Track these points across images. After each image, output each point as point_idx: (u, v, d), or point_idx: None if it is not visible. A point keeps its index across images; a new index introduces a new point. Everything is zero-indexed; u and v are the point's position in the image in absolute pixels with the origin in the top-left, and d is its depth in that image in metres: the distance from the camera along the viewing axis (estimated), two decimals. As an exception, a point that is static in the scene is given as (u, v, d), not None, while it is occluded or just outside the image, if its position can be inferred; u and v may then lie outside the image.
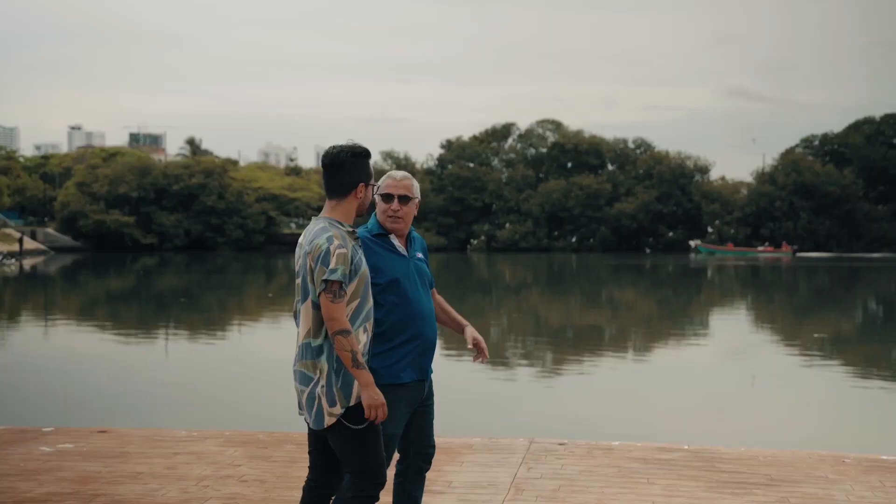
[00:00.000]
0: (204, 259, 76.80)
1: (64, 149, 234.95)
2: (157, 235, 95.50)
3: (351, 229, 4.74)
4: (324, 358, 4.63)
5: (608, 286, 48.42)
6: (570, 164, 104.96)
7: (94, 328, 27.12)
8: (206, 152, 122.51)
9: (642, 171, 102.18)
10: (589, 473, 7.44)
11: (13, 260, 69.84)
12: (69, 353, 20.97)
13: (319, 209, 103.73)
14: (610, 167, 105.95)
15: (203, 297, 39.37)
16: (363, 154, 4.79)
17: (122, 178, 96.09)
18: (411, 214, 5.23)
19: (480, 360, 5.50)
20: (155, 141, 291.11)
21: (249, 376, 17.04)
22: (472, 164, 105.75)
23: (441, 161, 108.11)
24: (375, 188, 5.01)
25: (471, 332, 5.48)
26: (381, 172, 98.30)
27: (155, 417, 12.85)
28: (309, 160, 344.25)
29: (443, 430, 7.55)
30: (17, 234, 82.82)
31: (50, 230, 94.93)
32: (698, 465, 7.76)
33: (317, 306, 4.63)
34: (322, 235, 4.63)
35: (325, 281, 4.54)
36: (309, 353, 4.67)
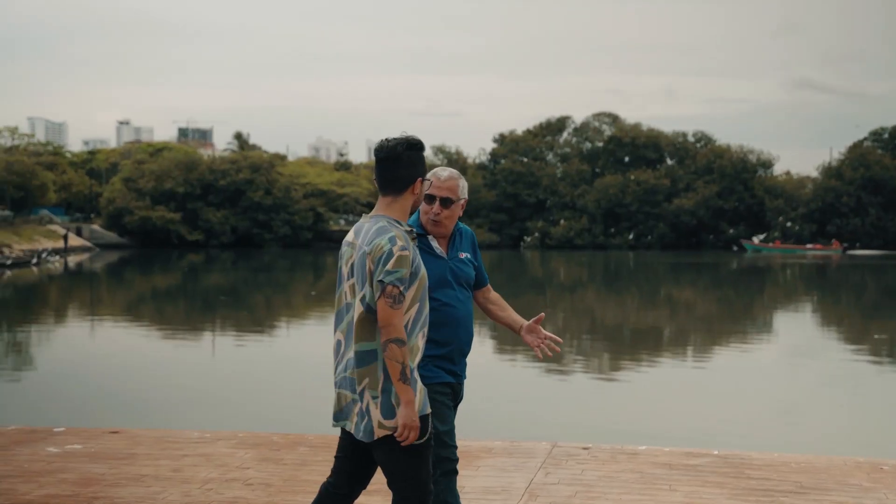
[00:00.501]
0: (250, 256, 77.23)
1: (112, 144, 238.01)
2: (203, 232, 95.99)
3: (409, 228, 4.56)
4: (379, 366, 4.44)
5: (664, 284, 48.09)
6: (627, 159, 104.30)
7: (133, 326, 27.35)
8: (253, 147, 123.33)
9: (702, 166, 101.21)
10: (609, 479, 7.32)
11: (57, 257, 70.59)
12: (103, 351, 21.15)
13: (369, 205, 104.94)
14: (669, 161, 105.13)
15: (247, 295, 39.56)
16: (419, 146, 4.62)
17: (168, 174, 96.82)
18: (454, 217, 5.07)
19: (544, 349, 5.33)
20: (203, 136, 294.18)
21: (284, 376, 17.06)
22: (525, 159, 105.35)
23: (493, 156, 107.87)
24: (427, 184, 4.85)
25: (531, 328, 5.32)
26: (432, 168, 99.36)
27: (179, 418, 12.91)
28: (360, 155, 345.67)
29: (467, 432, 7.49)
30: (63, 231, 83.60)
31: (95, 227, 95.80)
32: (726, 470, 7.62)
33: (372, 311, 4.43)
34: (384, 235, 4.42)
35: (384, 284, 4.34)
36: (362, 359, 4.46)
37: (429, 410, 4.47)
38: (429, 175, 4.98)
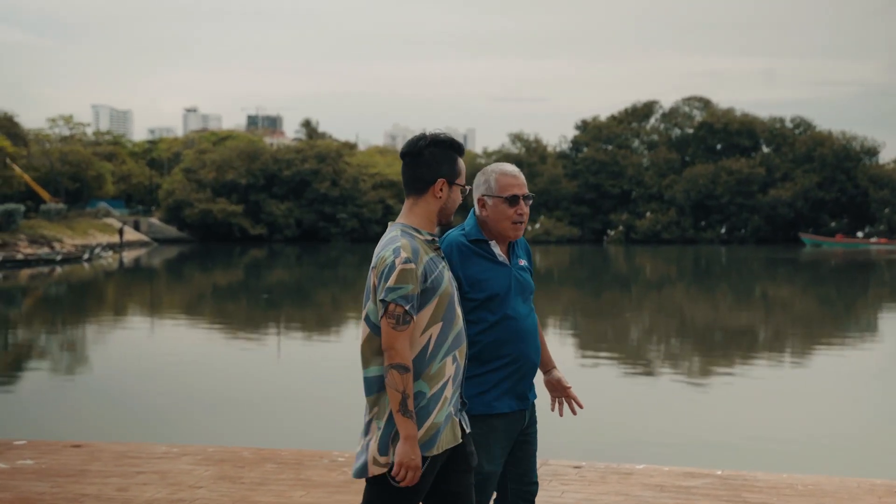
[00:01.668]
0: (316, 251, 77.69)
1: (179, 133, 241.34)
2: (266, 226, 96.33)
3: (430, 238, 4.33)
4: (385, 394, 4.23)
5: (758, 282, 47.43)
6: (719, 146, 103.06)
7: (172, 327, 27.60)
8: (323, 135, 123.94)
9: (801, 154, 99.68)
10: (589, 502, 7.16)
11: (110, 252, 71.52)
12: (132, 358, 21.35)
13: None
14: (765, 149, 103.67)
15: (312, 292, 39.56)
16: (447, 144, 4.39)
17: (229, 164, 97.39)
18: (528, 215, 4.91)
19: (564, 405, 5.11)
20: (273, 123, 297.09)
21: (317, 386, 17.10)
22: (609, 147, 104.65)
23: (575, 143, 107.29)
24: (464, 190, 4.51)
25: (558, 380, 5.06)
26: (509, 157, 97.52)
27: (181, 431, 12.95)
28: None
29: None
30: (118, 224, 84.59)
31: (154, 220, 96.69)
32: (721, 493, 7.42)
33: (378, 332, 4.22)
34: (389, 246, 4.20)
35: (385, 303, 4.14)
36: (370, 386, 4.27)
37: (434, 452, 4.22)
38: (499, 173, 4.81)
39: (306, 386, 17.07)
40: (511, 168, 4.86)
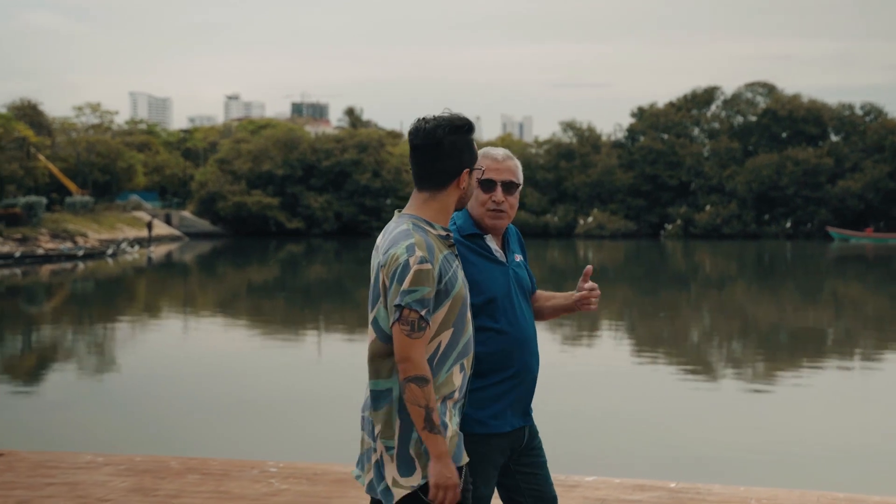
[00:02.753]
0: (356, 246, 77.65)
1: (220, 121, 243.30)
2: (303, 219, 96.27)
3: (445, 233, 4.10)
4: (395, 410, 4.01)
5: (827, 279, 46.98)
6: (784, 135, 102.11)
7: (194, 327, 27.72)
8: (368, 124, 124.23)
9: (872, 143, 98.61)
10: (518, 520, 7.03)
11: (136, 247, 72.00)
12: (127, 364, 21.48)
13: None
14: (833, 138, 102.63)
15: (352, 291, 39.60)
16: (466, 128, 4.13)
17: (265, 154, 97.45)
18: (516, 206, 4.63)
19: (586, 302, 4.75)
20: (318, 111, 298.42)
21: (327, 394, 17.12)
22: (667, 136, 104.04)
23: (631, 132, 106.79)
24: (480, 173, 4.39)
25: (576, 293, 4.75)
26: (560, 146, 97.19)
27: (176, 445, 12.98)
28: (492, 131, 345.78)
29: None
30: (147, 218, 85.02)
31: (186, 213, 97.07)
32: (666, 510, 7.29)
33: (387, 338, 3.99)
34: (401, 243, 3.95)
35: (400, 308, 3.91)
36: (377, 400, 4.05)
37: (465, 460, 4.08)
38: (481, 155, 4.56)
39: (337, 390, 17.06)
40: (498, 151, 4.64)
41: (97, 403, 15.78)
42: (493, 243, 4.57)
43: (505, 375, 4.46)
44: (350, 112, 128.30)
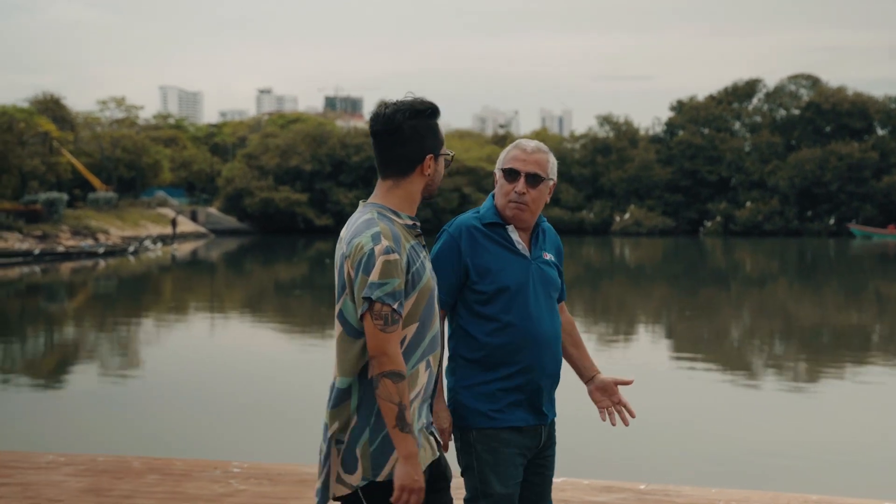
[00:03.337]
0: (387, 244, 77.62)
1: (252, 116, 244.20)
2: (332, 216, 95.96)
3: (412, 222, 4.07)
4: (353, 403, 3.96)
5: (872, 279, 46.69)
6: (828, 129, 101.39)
7: (191, 329, 27.85)
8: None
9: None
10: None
11: (159, 244, 72.26)
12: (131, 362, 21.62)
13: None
14: (879, 132, 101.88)
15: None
16: (429, 112, 4.10)
17: (293, 149, 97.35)
18: (541, 201, 4.60)
19: (613, 415, 4.80)
20: (352, 106, 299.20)
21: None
22: (706, 130, 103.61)
23: (670, 126, 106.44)
24: (448, 158, 4.25)
25: (603, 384, 4.77)
26: (596, 141, 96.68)
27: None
28: (532, 124, 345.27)
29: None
30: (172, 214, 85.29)
31: (212, 210, 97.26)
32: (629, 512, 7.29)
33: (354, 331, 3.94)
34: (366, 232, 3.91)
35: (370, 301, 3.85)
36: (338, 397, 3.99)
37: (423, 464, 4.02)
38: (510, 147, 4.61)
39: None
40: (529, 143, 4.64)
41: (90, 404, 15.89)
42: (515, 234, 4.57)
43: (513, 370, 4.46)
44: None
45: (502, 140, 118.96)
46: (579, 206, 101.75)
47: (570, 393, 4.66)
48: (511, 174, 4.56)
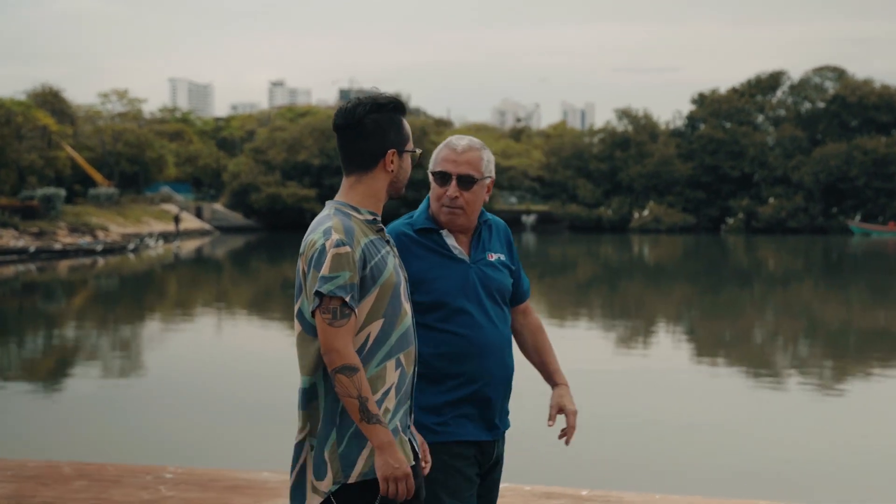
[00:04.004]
0: (398, 240, 77.68)
1: (263, 108, 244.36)
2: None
3: (372, 217, 4.06)
4: (319, 404, 3.94)
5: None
6: (853, 123, 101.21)
7: (185, 330, 27.91)
8: (417, 111, 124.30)
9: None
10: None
11: (160, 242, 72.27)
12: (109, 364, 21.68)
13: (539, 180, 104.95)
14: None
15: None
16: (391, 107, 4.11)
17: (300, 143, 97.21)
18: (478, 202, 4.49)
19: (563, 439, 4.67)
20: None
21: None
22: (729, 124, 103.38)
23: (691, 120, 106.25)
24: (415, 155, 4.23)
25: (560, 398, 4.65)
26: (615, 135, 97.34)
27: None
28: (553, 117, 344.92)
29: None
30: (176, 210, 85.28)
31: (218, 206, 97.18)
32: (564, 520, 7.31)
33: (312, 330, 3.94)
34: (319, 228, 3.96)
35: (320, 295, 3.85)
36: (305, 398, 3.99)
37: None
38: (440, 146, 4.57)
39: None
40: (460, 141, 4.52)
41: (68, 408, 15.97)
42: (451, 239, 4.47)
43: (458, 381, 4.37)
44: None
45: (518, 134, 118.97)
46: (597, 203, 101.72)
47: (514, 398, 4.62)
48: (442, 177, 4.48)
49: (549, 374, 4.73)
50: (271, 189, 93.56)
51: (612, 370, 19.12)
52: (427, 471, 4.22)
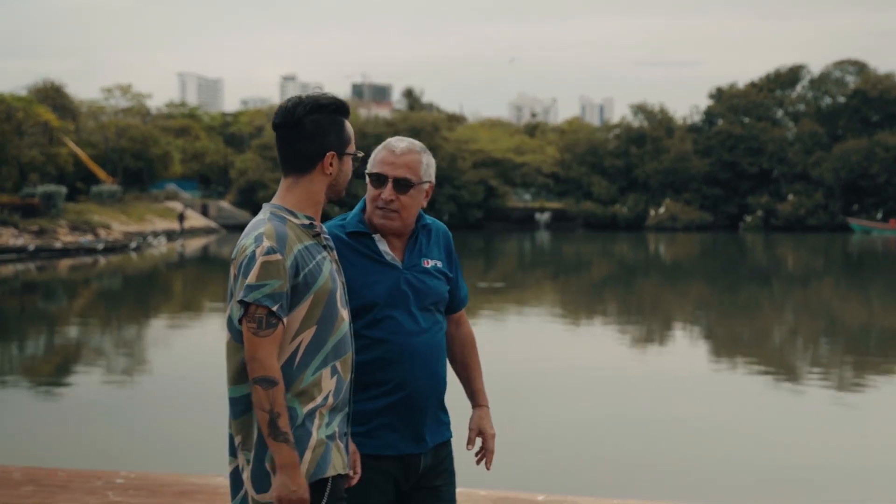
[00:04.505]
0: (408, 239, 77.64)
1: (274, 103, 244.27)
2: (350, 209, 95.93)
3: (308, 221, 4.02)
4: (254, 415, 3.90)
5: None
6: (875, 118, 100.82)
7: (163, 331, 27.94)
8: (430, 106, 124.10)
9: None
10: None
11: (163, 240, 72.26)
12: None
13: (553, 176, 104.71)
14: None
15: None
16: (332, 108, 4.08)
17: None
18: (415, 207, 4.44)
19: (482, 461, 4.65)
20: (381, 93, 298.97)
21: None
22: (747, 119, 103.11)
23: (708, 115, 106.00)
24: (356, 159, 4.23)
25: (480, 420, 4.63)
26: (630, 130, 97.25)
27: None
28: (570, 112, 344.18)
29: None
30: (180, 208, 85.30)
31: (224, 204, 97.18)
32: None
33: (241, 338, 3.90)
34: (251, 234, 3.91)
35: (244, 303, 3.83)
36: (235, 406, 3.96)
37: (332, 472, 3.95)
38: (382, 145, 4.54)
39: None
40: (400, 143, 4.49)
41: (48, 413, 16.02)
42: (384, 244, 4.42)
43: (382, 389, 4.32)
44: (409, 94, 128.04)
45: (533, 129, 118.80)
46: (612, 200, 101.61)
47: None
48: (378, 179, 4.43)
49: (473, 392, 4.70)
50: (276, 186, 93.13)
51: (611, 371, 19.11)
52: (355, 481, 4.21)
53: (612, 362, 20.17)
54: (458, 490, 7.99)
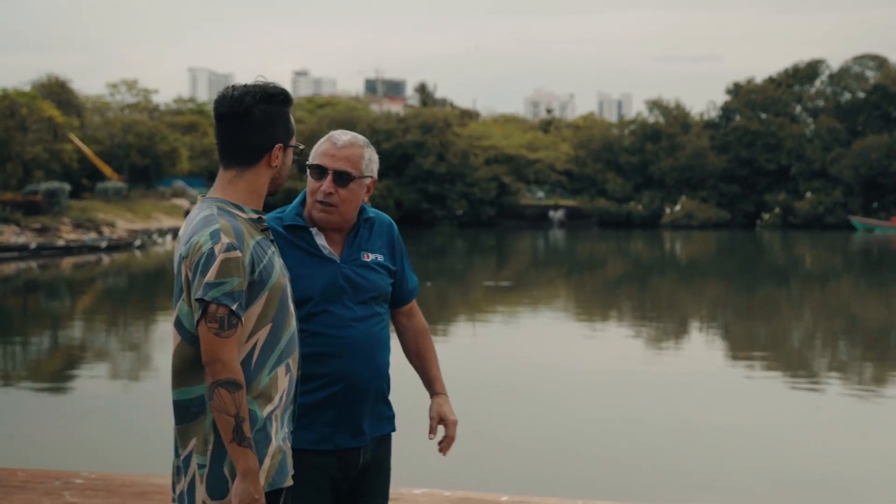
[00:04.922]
0: (419, 237, 77.47)
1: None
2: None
3: (257, 216, 3.96)
4: (208, 421, 3.83)
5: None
6: (895, 114, 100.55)
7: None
8: (443, 102, 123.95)
9: None
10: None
11: (169, 238, 72.35)
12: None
13: (567, 173, 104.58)
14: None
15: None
16: (281, 98, 4.05)
17: (318, 136, 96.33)
18: (355, 201, 4.50)
19: (441, 450, 4.67)
20: (395, 89, 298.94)
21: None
22: (765, 115, 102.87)
23: (725, 111, 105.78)
24: (297, 151, 4.19)
25: (440, 407, 4.64)
26: (645, 126, 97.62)
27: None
28: (588, 108, 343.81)
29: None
30: (188, 206, 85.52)
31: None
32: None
33: (194, 340, 3.82)
34: (204, 230, 3.81)
35: (204, 303, 3.75)
36: (185, 412, 3.88)
37: (289, 482, 3.92)
38: (325, 137, 4.53)
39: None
40: (343, 136, 4.54)
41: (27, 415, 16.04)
42: (321, 238, 4.43)
43: (321, 383, 4.32)
44: (422, 89, 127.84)
45: (547, 125, 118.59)
46: (627, 197, 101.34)
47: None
48: (318, 171, 4.44)
49: (429, 380, 4.70)
50: (287, 183, 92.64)
51: (613, 371, 19.07)
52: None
53: (624, 364, 20.11)
54: (420, 491, 8.04)
